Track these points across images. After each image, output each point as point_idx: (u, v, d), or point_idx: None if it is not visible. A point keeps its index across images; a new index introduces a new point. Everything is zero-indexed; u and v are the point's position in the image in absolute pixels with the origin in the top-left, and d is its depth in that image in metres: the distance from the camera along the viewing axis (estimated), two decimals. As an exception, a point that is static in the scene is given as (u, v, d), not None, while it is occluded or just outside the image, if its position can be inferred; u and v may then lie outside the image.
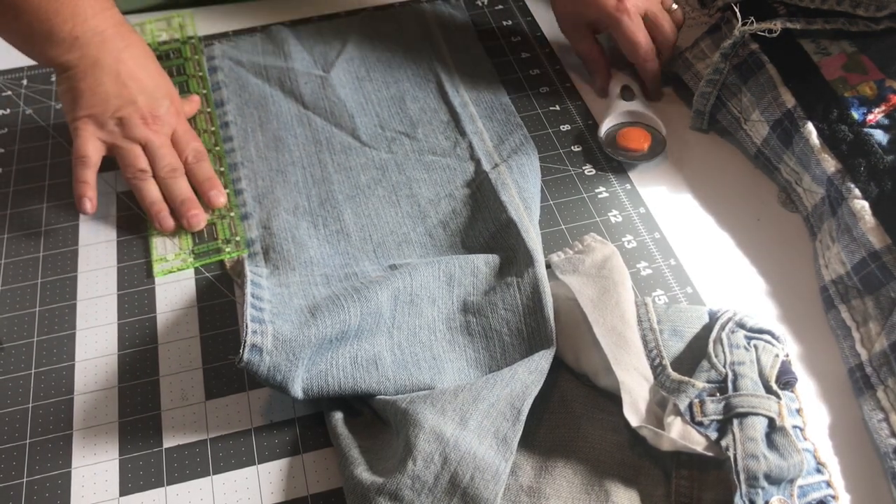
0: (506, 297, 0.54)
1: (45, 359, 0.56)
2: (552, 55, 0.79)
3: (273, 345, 0.49)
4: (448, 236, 0.62)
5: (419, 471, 0.44)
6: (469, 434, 0.45)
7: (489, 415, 0.46)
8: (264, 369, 0.49)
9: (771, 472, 0.44)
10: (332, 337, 0.50)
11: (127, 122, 0.63)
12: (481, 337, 0.54)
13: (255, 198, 0.65)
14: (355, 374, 0.50)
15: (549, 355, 0.50)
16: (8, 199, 0.67)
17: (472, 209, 0.63)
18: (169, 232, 0.63)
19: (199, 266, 0.61)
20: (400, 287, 0.54)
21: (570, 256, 0.57)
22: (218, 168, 0.68)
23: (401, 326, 0.53)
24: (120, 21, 0.66)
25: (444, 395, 0.48)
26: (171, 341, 0.57)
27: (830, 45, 0.64)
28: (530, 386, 0.48)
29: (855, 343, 0.54)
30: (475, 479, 0.44)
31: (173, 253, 0.62)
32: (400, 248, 0.61)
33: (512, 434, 0.46)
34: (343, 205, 0.64)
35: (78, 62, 0.63)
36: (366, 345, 0.51)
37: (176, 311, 0.59)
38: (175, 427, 0.53)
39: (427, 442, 0.45)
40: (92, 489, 0.50)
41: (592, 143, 0.70)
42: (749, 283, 0.59)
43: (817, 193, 0.60)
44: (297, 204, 0.65)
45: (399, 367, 0.51)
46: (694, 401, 0.47)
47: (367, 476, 0.45)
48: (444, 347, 0.53)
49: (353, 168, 0.67)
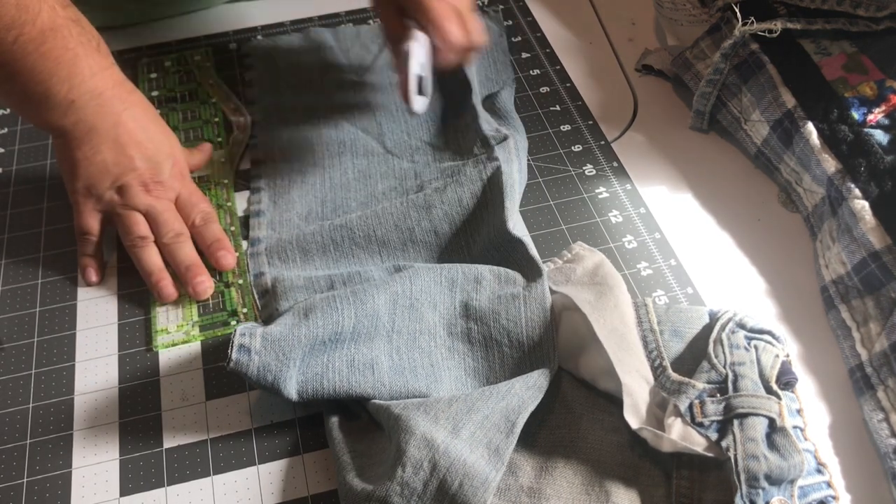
0: (510, 309, 0.53)
1: (46, 359, 0.56)
2: (552, 55, 0.79)
3: (262, 345, 0.49)
4: (454, 236, 0.60)
5: (408, 477, 0.43)
6: (461, 443, 0.45)
7: (483, 426, 0.46)
8: (254, 369, 0.48)
9: (771, 473, 0.44)
10: (324, 338, 0.50)
11: (126, 191, 0.60)
12: (481, 346, 0.53)
13: (271, 197, 0.65)
14: (351, 378, 0.50)
15: (549, 374, 0.50)
16: (8, 199, 0.67)
17: (478, 203, 0.60)
18: (170, 302, 0.59)
19: (203, 339, 0.57)
20: (399, 291, 0.53)
21: (560, 267, 0.57)
22: (228, 227, 0.64)
23: (401, 331, 0.52)
24: (119, 80, 0.61)
25: (439, 403, 0.47)
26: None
27: (831, 45, 0.64)
28: (527, 401, 0.48)
29: (855, 343, 0.54)
30: (464, 486, 0.43)
31: (175, 324, 0.58)
32: (405, 248, 0.60)
33: (505, 446, 0.45)
34: (354, 210, 0.63)
35: (74, 128, 0.59)
36: (363, 348, 0.51)
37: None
38: (175, 427, 0.53)
39: (417, 448, 0.44)
40: (92, 489, 0.50)
41: (593, 143, 0.70)
42: (749, 284, 0.59)
43: (817, 193, 0.60)
44: (311, 209, 0.64)
45: (395, 374, 0.51)
46: (694, 401, 0.47)
47: (357, 482, 0.45)
48: (443, 354, 0.53)
49: (372, 176, 0.66)
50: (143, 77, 0.78)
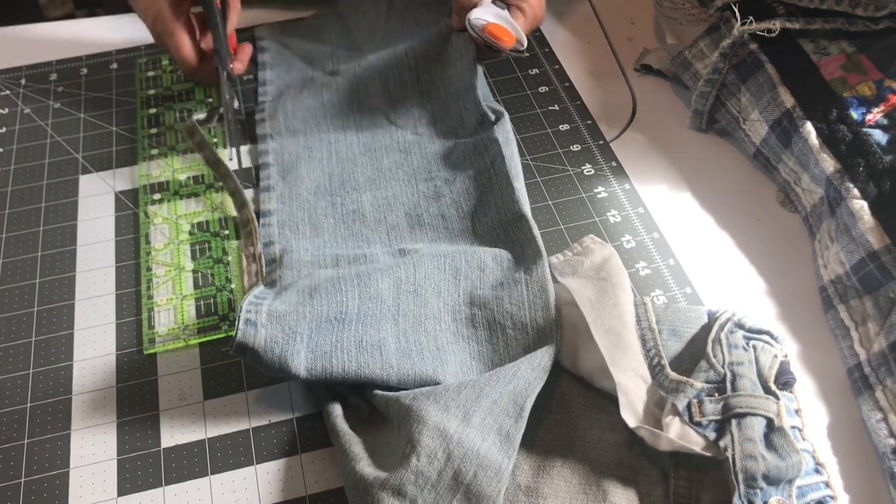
0: (513, 294, 0.54)
1: (44, 359, 0.56)
2: (551, 55, 0.79)
3: (268, 319, 0.50)
4: (460, 219, 0.61)
5: (422, 466, 0.44)
6: (472, 431, 0.45)
7: (492, 412, 0.47)
8: (260, 341, 0.49)
9: (769, 473, 0.44)
10: (330, 317, 0.51)
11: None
12: (485, 329, 0.54)
13: (279, 172, 0.66)
14: (359, 358, 0.50)
15: (552, 352, 0.50)
16: (6, 199, 0.67)
17: (484, 190, 0.62)
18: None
19: (197, 342, 0.57)
20: (403, 277, 0.54)
21: (569, 259, 0.57)
22: (221, 230, 0.64)
23: (406, 315, 0.53)
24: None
25: (448, 391, 0.48)
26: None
27: (829, 44, 0.64)
28: (533, 382, 0.48)
29: (853, 343, 0.54)
30: (478, 476, 0.44)
31: (167, 327, 0.58)
32: (413, 231, 0.61)
33: (515, 431, 0.46)
34: (363, 187, 0.65)
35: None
36: (371, 330, 0.51)
37: (174, 310, 0.59)
38: (173, 427, 0.52)
39: (430, 438, 0.45)
40: (90, 489, 0.50)
41: (592, 142, 0.70)
42: (748, 283, 0.59)
43: (816, 193, 0.60)
44: (319, 184, 0.65)
45: (403, 356, 0.51)
46: (692, 401, 0.47)
47: (370, 471, 0.45)
48: (448, 339, 0.53)
49: (377, 150, 0.68)
50: (140, 75, 0.78)
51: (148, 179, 0.68)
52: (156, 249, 0.63)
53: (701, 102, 0.68)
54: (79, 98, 0.76)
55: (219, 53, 0.69)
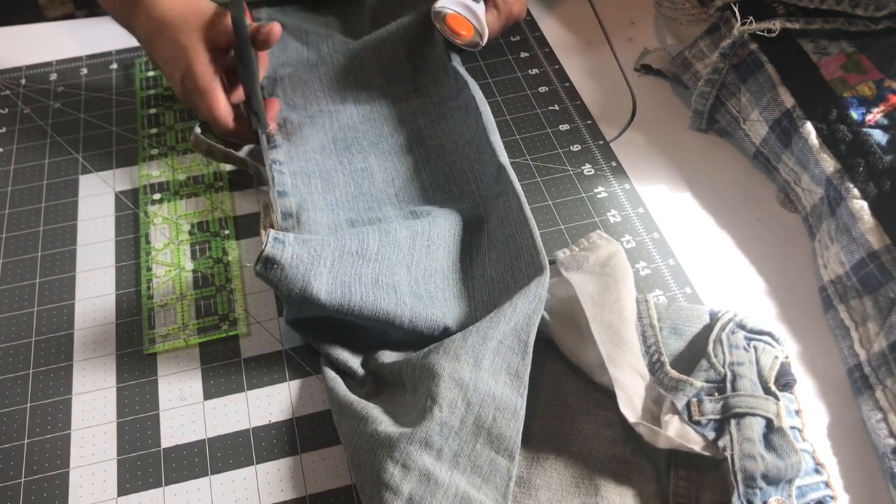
0: (510, 245, 0.57)
1: (44, 359, 0.56)
2: (551, 55, 0.79)
3: (295, 241, 0.51)
4: (462, 183, 0.64)
5: (446, 417, 0.46)
6: (485, 374, 0.48)
7: (499, 352, 0.49)
8: (287, 257, 0.50)
9: (768, 473, 0.44)
10: (352, 250, 0.53)
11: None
12: (487, 283, 0.57)
13: (284, 136, 0.68)
14: (376, 293, 0.52)
15: (544, 281, 0.52)
16: (6, 199, 0.67)
17: (477, 150, 0.65)
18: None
19: (197, 342, 0.57)
20: (419, 231, 0.57)
21: (575, 254, 0.57)
22: (222, 230, 0.64)
23: (419, 264, 0.56)
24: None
25: (454, 341, 0.49)
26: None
27: (829, 44, 0.64)
28: (532, 315, 0.50)
29: (853, 343, 0.54)
30: (497, 419, 0.46)
31: (167, 328, 0.57)
32: (424, 193, 0.64)
33: (523, 368, 0.48)
34: (368, 150, 0.67)
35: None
36: (387, 271, 0.54)
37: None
38: (173, 427, 0.53)
39: (448, 389, 0.47)
40: (90, 489, 0.50)
41: (592, 142, 0.70)
42: (748, 283, 0.59)
43: (816, 193, 0.60)
44: (325, 145, 0.68)
45: (415, 298, 0.54)
46: (692, 400, 0.47)
47: (393, 430, 0.46)
48: (453, 293, 0.56)
49: (377, 119, 0.70)
50: (140, 75, 0.78)
51: (148, 179, 0.68)
52: (156, 249, 0.63)
53: (701, 102, 0.68)
54: (79, 98, 0.76)
55: (258, 115, 0.65)
